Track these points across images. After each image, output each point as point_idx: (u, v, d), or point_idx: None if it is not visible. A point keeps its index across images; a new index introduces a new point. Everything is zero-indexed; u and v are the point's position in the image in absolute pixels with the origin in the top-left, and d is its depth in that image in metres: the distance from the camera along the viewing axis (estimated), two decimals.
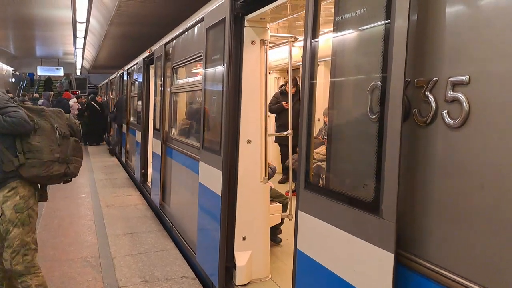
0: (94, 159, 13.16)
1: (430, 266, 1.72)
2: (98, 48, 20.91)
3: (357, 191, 2.07)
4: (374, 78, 1.95)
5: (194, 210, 4.67)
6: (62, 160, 3.36)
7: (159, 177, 6.56)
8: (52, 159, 3.30)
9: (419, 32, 1.81)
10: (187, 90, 5.83)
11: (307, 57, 2.52)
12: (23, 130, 3.21)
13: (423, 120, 1.77)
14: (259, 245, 3.95)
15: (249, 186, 3.88)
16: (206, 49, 4.32)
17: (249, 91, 3.82)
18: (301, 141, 2.57)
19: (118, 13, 12.13)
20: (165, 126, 6.30)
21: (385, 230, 1.84)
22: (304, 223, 2.54)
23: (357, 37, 2.14)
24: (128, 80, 11.49)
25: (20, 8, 14.21)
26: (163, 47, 6.42)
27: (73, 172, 3.49)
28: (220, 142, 3.85)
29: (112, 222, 6.31)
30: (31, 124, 3.25)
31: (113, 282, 4.24)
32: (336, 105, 2.36)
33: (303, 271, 2.56)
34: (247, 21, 3.75)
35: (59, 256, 4.95)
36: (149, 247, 5.27)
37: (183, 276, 4.41)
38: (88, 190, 8.66)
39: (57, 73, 32.48)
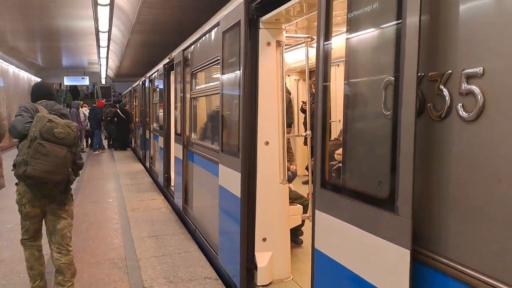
0: (120, 165, 13.43)
1: (447, 262, 1.70)
2: (121, 57, 21.31)
3: (372, 188, 2.07)
4: (388, 74, 1.95)
5: (215, 212, 4.73)
6: (24, 161, 3.51)
7: (182, 181, 6.67)
8: (20, 160, 3.54)
9: (432, 25, 1.80)
10: (206, 95, 5.91)
11: (320, 57, 2.54)
12: (13, 134, 3.67)
13: (438, 114, 1.76)
14: (279, 246, 3.97)
15: (268, 187, 3.91)
16: (223, 52, 4.38)
17: (266, 93, 3.85)
18: (316, 140, 2.59)
19: (139, 22, 12.36)
20: (186, 130, 6.41)
21: (401, 226, 1.84)
22: (321, 222, 2.55)
23: (369, 34, 2.14)
24: (150, 87, 11.71)
25: (46, 21, 14.64)
26: (182, 53, 6.54)
27: (31, 174, 3.49)
28: (238, 145, 3.90)
29: (138, 225, 6.45)
30: (18, 129, 3.63)
31: (139, 283, 4.34)
32: (350, 103, 2.35)
33: (321, 270, 2.57)
34: (262, 22, 3.79)
35: (88, 258, 5.10)
36: (173, 249, 5.36)
37: (206, 277, 4.48)
38: (115, 195, 8.85)
39: (83, 82, 33.21)
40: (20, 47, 21.45)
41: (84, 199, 8.44)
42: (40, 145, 3.50)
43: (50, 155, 3.52)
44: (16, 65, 24.18)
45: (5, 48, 20.26)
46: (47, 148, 3.51)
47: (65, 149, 3.60)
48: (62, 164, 3.59)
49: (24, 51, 22.85)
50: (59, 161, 3.56)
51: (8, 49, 20.61)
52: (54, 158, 3.53)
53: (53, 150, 3.53)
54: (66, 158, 3.62)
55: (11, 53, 21.67)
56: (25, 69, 26.92)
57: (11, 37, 18.56)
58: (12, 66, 23.50)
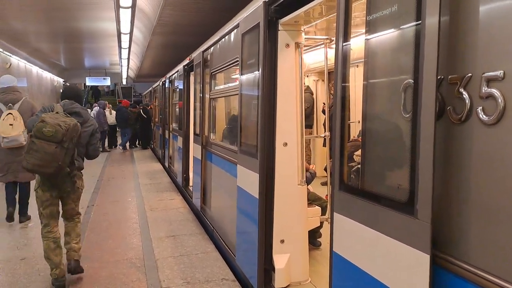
0: (139, 165, 13.58)
1: (467, 267, 1.68)
2: (142, 58, 21.54)
3: (391, 191, 2.05)
4: (407, 76, 1.93)
5: (233, 213, 4.74)
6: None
7: (200, 181, 6.71)
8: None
9: (452, 28, 1.78)
10: (225, 95, 5.93)
11: (339, 58, 2.53)
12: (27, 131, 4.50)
13: (458, 117, 1.74)
14: (297, 248, 3.95)
15: (286, 188, 3.90)
16: (242, 54, 4.39)
17: (285, 94, 3.85)
18: (334, 142, 2.57)
19: (160, 24, 12.47)
20: (205, 131, 6.44)
21: (420, 230, 1.81)
22: (340, 225, 2.53)
23: (388, 36, 2.13)
24: (169, 88, 11.81)
25: (69, 23, 14.89)
26: (201, 54, 6.57)
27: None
28: (256, 146, 3.90)
29: (156, 225, 6.50)
30: (28, 127, 4.48)
31: (156, 283, 4.37)
32: (369, 105, 2.34)
33: (340, 273, 2.55)
34: (281, 24, 3.79)
35: (107, 257, 5.16)
36: (191, 249, 5.39)
37: (223, 278, 4.49)
38: (134, 194, 8.95)
39: (104, 83, 33.69)
40: (43, 49, 21.87)
41: (104, 198, 8.55)
42: (32, 142, 4.00)
43: (39, 151, 3.96)
44: (39, 66, 24.67)
45: (29, 50, 20.68)
46: (37, 145, 3.96)
47: (53, 145, 3.97)
48: (51, 158, 3.98)
49: (47, 52, 23.30)
50: (48, 156, 3.96)
51: (32, 51, 21.05)
52: (43, 154, 3.96)
53: (42, 146, 3.95)
54: (55, 153, 3.98)
55: (35, 54, 22.12)
56: (48, 69, 27.45)
57: (35, 38, 18.94)
58: (36, 66, 23.99)
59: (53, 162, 3.98)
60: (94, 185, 9.98)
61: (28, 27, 16.07)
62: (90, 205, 7.91)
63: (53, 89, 29.97)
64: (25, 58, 21.11)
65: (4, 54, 17.66)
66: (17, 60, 19.93)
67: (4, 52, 17.65)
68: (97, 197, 8.68)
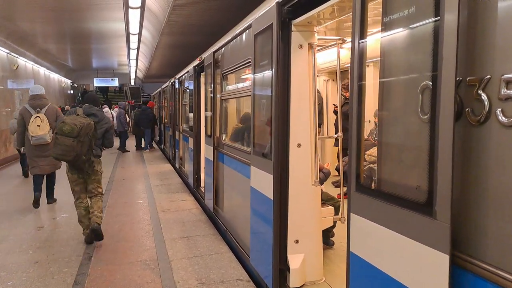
0: (150, 166, 13.63)
1: (487, 267, 1.69)
2: (151, 58, 21.63)
3: (410, 192, 2.05)
4: (425, 77, 1.93)
5: (246, 213, 4.75)
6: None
7: (212, 182, 6.72)
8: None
9: (470, 29, 1.78)
10: (236, 96, 5.93)
11: (355, 58, 2.53)
12: None
13: (476, 119, 1.75)
14: (312, 248, 3.96)
15: (300, 189, 3.90)
16: (254, 55, 4.39)
17: (298, 95, 3.85)
18: (351, 143, 2.57)
19: (168, 24, 12.51)
20: (217, 132, 6.45)
21: (439, 231, 1.83)
22: (357, 225, 2.54)
23: (406, 36, 2.12)
24: (179, 88, 11.83)
25: (77, 23, 14.99)
26: (212, 55, 6.58)
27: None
28: (270, 147, 3.90)
29: (169, 226, 6.52)
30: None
31: (171, 284, 4.38)
32: (386, 106, 2.34)
33: (357, 273, 2.56)
34: (294, 25, 3.78)
35: (121, 259, 5.18)
36: (204, 250, 5.40)
37: (238, 278, 4.50)
38: (145, 196, 8.99)
39: (112, 84, 33.86)
40: (51, 49, 22.02)
41: (116, 200, 8.60)
42: (56, 138, 5.35)
43: (61, 144, 5.30)
44: (47, 67, 24.84)
45: (37, 51, 20.83)
46: (59, 140, 5.31)
47: (71, 139, 5.28)
48: (70, 149, 5.30)
49: (55, 53, 23.45)
50: (67, 147, 5.29)
51: (39, 51, 21.19)
52: (63, 146, 5.29)
53: (62, 141, 5.29)
54: (73, 145, 5.29)
55: (42, 55, 22.28)
56: (55, 71, 27.63)
57: (42, 39, 19.09)
58: (43, 68, 24.15)
59: (71, 152, 5.32)
60: (105, 186, 10.01)
61: (36, 27, 16.18)
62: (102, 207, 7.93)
63: (61, 90, 30.19)
64: (33, 59, 21.25)
65: (11, 55, 17.81)
66: (24, 61, 20.08)
67: (12, 54, 17.79)
68: (108, 198, 8.73)
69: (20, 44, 18.13)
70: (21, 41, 17.85)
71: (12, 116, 12.27)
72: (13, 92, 17.76)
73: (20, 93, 18.68)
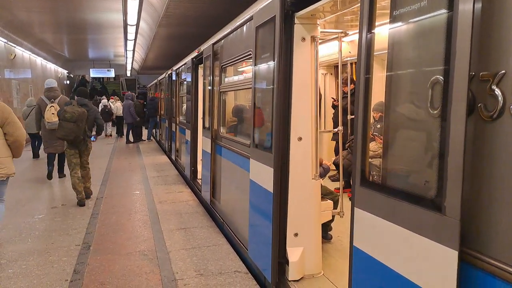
0: (146, 157, 13.61)
1: (497, 263, 1.69)
2: (147, 50, 21.52)
3: (418, 188, 2.04)
4: (436, 72, 1.91)
5: (244, 206, 4.75)
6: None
7: (209, 174, 6.72)
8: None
9: (485, 22, 1.76)
10: (236, 89, 5.92)
11: (362, 51, 2.51)
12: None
13: (489, 114, 1.74)
14: (311, 242, 3.98)
15: (300, 183, 3.91)
16: (256, 47, 4.37)
17: (300, 89, 3.84)
18: (356, 137, 2.57)
19: (166, 15, 12.44)
20: (215, 124, 6.44)
21: (448, 227, 1.82)
22: (361, 220, 2.53)
23: (417, 29, 2.09)
24: (176, 80, 11.78)
25: (74, 13, 14.88)
26: (211, 47, 6.55)
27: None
28: (271, 140, 3.90)
29: (166, 218, 6.53)
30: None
31: (170, 275, 4.40)
32: (395, 101, 2.31)
33: (360, 268, 2.57)
34: (297, 18, 3.76)
35: (119, 250, 5.19)
36: (202, 242, 5.42)
37: (236, 270, 4.52)
38: (142, 187, 8.98)
39: (108, 75, 33.66)
40: (47, 39, 21.87)
41: (112, 191, 8.60)
42: (60, 123, 7.13)
43: (64, 127, 7.05)
44: (43, 57, 24.67)
45: (34, 40, 20.68)
46: (62, 124, 7.06)
47: (71, 124, 7.02)
48: (71, 131, 7.03)
49: (51, 43, 23.29)
50: (69, 130, 7.03)
51: (36, 41, 21.04)
52: (66, 129, 7.03)
53: (65, 125, 7.03)
54: (73, 128, 7.02)
55: (39, 45, 22.12)
56: (52, 61, 27.45)
57: (39, 29, 18.94)
58: (40, 58, 23.98)
59: (72, 133, 7.06)
60: (102, 177, 10.02)
61: (33, 17, 16.06)
62: (99, 197, 7.95)
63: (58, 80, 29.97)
64: (30, 49, 21.10)
65: (8, 45, 17.66)
66: (21, 51, 19.93)
67: (9, 43, 17.64)
68: (105, 189, 8.72)
69: (17, 34, 17.99)
70: (18, 31, 17.70)
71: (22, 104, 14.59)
72: (10, 81, 17.64)
73: (17, 83, 18.56)
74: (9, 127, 5.02)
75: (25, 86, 20.26)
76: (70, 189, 7.88)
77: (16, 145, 5.14)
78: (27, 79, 20.91)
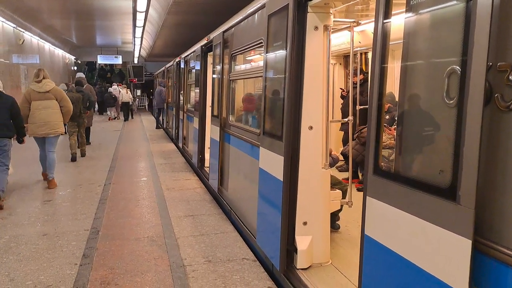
0: (153, 144, 13.66)
1: (510, 253, 1.69)
2: (155, 37, 21.46)
3: (432, 177, 2.05)
4: (453, 62, 1.91)
5: (253, 194, 4.77)
6: None
7: (217, 162, 6.74)
8: None
9: (502, 12, 1.75)
10: (247, 77, 5.90)
11: (378, 40, 2.50)
12: None
13: (506, 105, 1.74)
14: (319, 230, 3.99)
15: (310, 172, 3.91)
16: (268, 35, 4.36)
17: (311, 78, 3.83)
18: (369, 126, 2.57)
19: (176, 2, 12.39)
20: (223, 112, 6.44)
21: (462, 216, 1.83)
22: (373, 209, 2.54)
23: (433, 18, 2.09)
24: (185, 68, 11.76)
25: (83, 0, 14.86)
26: (222, 35, 6.53)
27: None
28: (282, 129, 3.90)
29: (174, 205, 6.57)
30: None
31: (179, 261, 4.44)
32: (411, 89, 2.32)
33: (372, 256, 2.58)
34: (310, 6, 3.74)
35: (127, 235, 5.24)
36: (210, 229, 5.45)
37: (243, 257, 4.55)
38: (149, 174, 9.03)
39: (116, 61, 33.68)
40: (56, 25, 21.88)
41: (120, 177, 8.65)
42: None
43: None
44: (51, 43, 24.70)
45: (42, 26, 20.69)
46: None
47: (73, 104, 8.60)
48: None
49: (59, 29, 23.31)
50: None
51: (44, 27, 21.06)
52: None
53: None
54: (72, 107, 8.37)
55: (47, 31, 22.14)
56: (60, 46, 27.48)
57: (48, 15, 18.95)
58: (48, 43, 24.01)
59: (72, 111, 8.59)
60: (109, 163, 10.09)
61: (42, 3, 16.04)
62: (107, 183, 8.00)
63: (65, 66, 30.06)
64: (38, 34, 21.12)
65: (17, 30, 17.68)
66: (30, 36, 19.95)
67: (18, 28, 17.67)
68: (113, 175, 8.78)
69: (26, 19, 18.01)
70: (27, 16, 17.71)
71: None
72: (19, 66, 17.69)
73: (25, 68, 18.60)
74: (64, 101, 7.93)
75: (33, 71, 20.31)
76: (77, 175, 8.01)
77: (67, 113, 8.01)
78: (35, 64, 20.97)
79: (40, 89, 7.65)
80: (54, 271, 4.26)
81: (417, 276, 2.13)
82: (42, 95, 7.64)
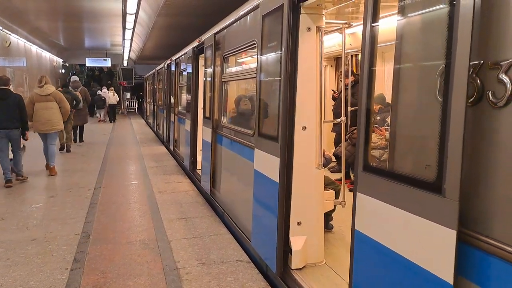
0: (143, 147, 13.57)
1: (493, 242, 1.76)
2: (145, 39, 21.36)
3: (419, 172, 2.12)
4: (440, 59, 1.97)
5: (247, 196, 4.75)
6: None
7: (210, 164, 6.70)
8: None
9: (493, 11, 1.80)
10: (239, 79, 5.89)
11: (366, 43, 2.53)
12: None
13: (497, 102, 1.78)
14: (313, 230, 3.99)
15: (304, 172, 3.91)
16: (262, 37, 4.35)
17: (305, 78, 3.83)
18: (359, 123, 2.61)
19: (166, 4, 12.35)
20: (216, 114, 6.41)
21: (447, 208, 1.90)
22: (363, 204, 2.61)
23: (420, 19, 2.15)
24: (175, 70, 11.71)
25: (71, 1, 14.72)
26: (213, 36, 6.51)
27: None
28: (277, 129, 3.89)
29: (166, 207, 6.52)
30: None
31: (172, 264, 4.40)
32: (399, 86, 2.35)
33: (361, 250, 2.64)
34: (303, 8, 3.74)
35: (119, 239, 5.18)
36: (203, 231, 5.42)
37: (238, 259, 4.52)
38: (141, 177, 8.97)
39: (105, 64, 33.42)
40: (43, 27, 21.65)
41: (110, 180, 8.57)
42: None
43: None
44: (38, 45, 24.44)
45: (29, 28, 20.47)
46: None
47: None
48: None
49: (47, 31, 23.06)
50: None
51: (32, 29, 20.83)
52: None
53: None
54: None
55: (35, 33, 21.89)
56: (47, 49, 27.20)
57: (35, 16, 18.74)
58: (35, 46, 23.76)
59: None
60: (99, 166, 10.00)
61: (29, 4, 15.88)
62: (97, 187, 7.92)
63: (53, 69, 29.75)
64: (25, 36, 20.89)
65: (3, 32, 17.48)
66: (16, 38, 19.73)
67: (4, 30, 17.46)
68: (103, 179, 8.70)
69: (13, 21, 17.80)
70: (14, 18, 17.52)
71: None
72: (5, 70, 17.47)
73: (12, 71, 18.39)
74: (62, 103, 9.34)
75: (20, 74, 20.07)
76: (66, 178, 7.91)
77: (66, 113, 9.44)
78: (22, 67, 20.73)
79: (42, 92, 9.07)
80: (45, 276, 4.19)
81: (405, 268, 2.20)
82: (44, 97, 9.06)
